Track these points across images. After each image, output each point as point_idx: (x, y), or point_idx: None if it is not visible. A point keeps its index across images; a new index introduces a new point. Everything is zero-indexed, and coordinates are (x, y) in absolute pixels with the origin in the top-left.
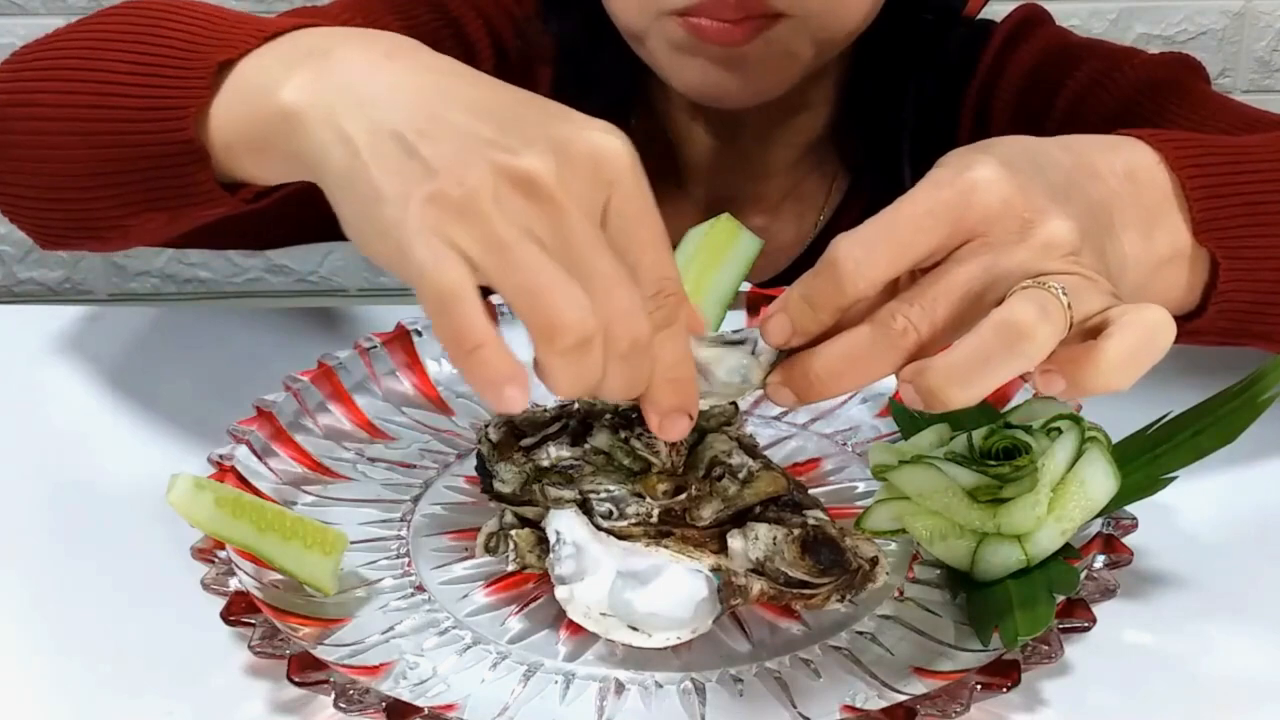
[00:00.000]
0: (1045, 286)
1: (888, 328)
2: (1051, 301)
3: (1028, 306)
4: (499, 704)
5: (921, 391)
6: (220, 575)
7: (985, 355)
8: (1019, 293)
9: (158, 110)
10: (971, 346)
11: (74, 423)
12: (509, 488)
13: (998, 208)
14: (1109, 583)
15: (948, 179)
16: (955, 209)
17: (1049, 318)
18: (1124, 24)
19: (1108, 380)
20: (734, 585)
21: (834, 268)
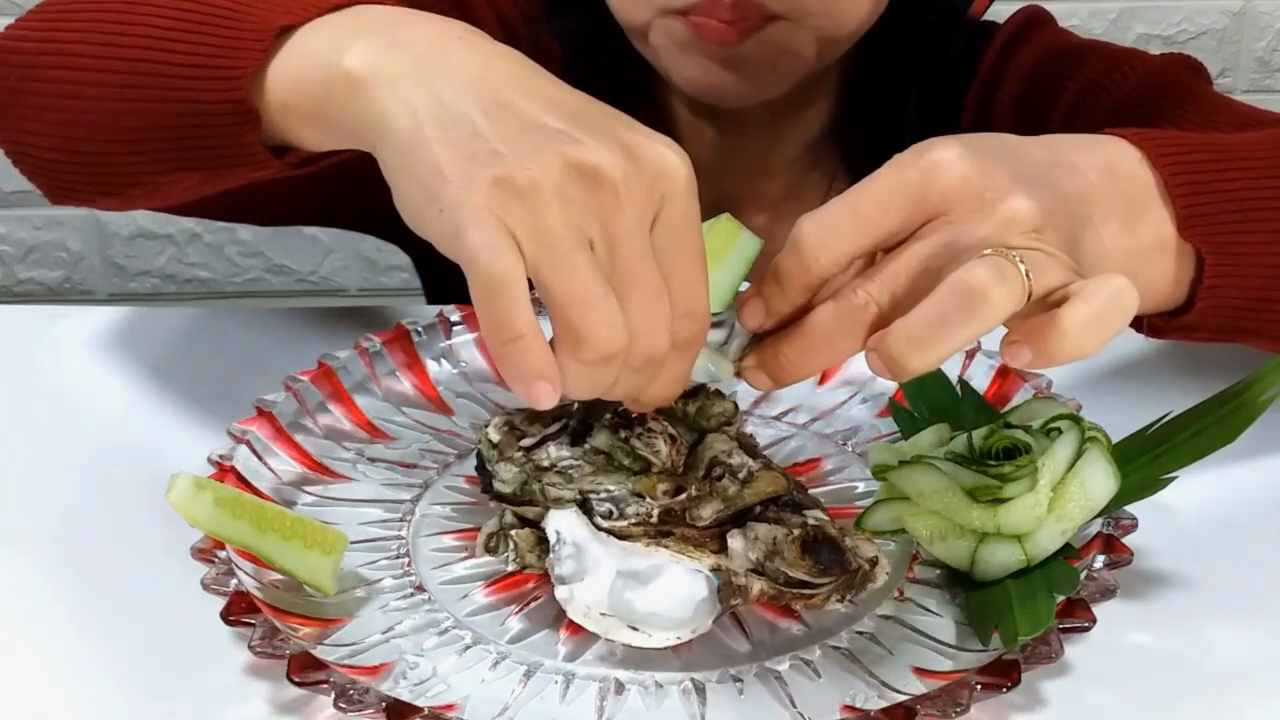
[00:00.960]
0: (1004, 254)
1: (849, 303)
2: (1008, 267)
3: (983, 269)
4: (499, 704)
5: (883, 358)
6: (220, 575)
7: (942, 317)
8: (977, 258)
9: (209, 69)
10: (927, 309)
11: (74, 422)
12: (509, 488)
13: (958, 186)
14: (1109, 583)
15: (910, 160)
16: (916, 187)
17: (1005, 279)
18: (1124, 24)
19: (1074, 345)
20: (734, 585)
21: (798, 247)
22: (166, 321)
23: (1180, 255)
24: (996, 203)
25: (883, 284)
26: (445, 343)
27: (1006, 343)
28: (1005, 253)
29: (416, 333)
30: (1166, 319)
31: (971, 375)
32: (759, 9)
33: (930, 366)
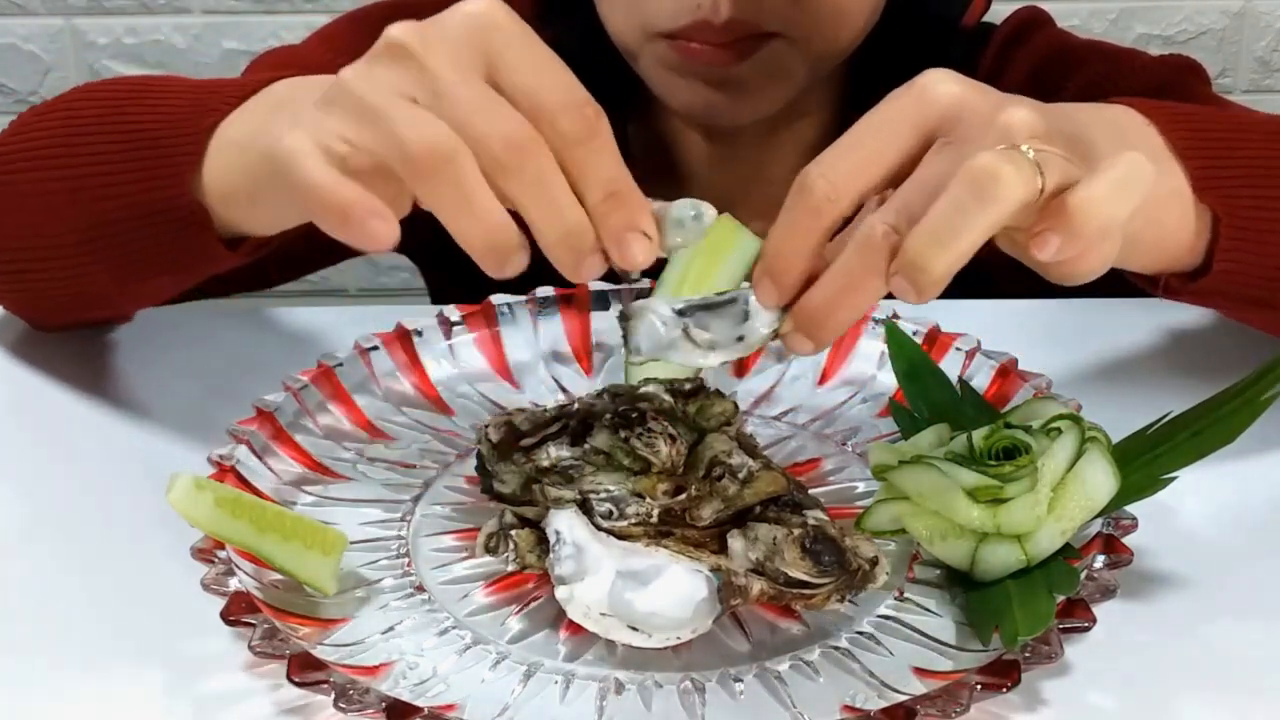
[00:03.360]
0: (1014, 147)
1: (869, 238)
2: (1016, 153)
3: (991, 154)
4: (499, 704)
5: (906, 270)
6: (220, 575)
7: (958, 207)
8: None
9: (152, 180)
10: (943, 203)
11: (74, 423)
12: (509, 488)
13: (955, 104)
14: (1109, 583)
15: (903, 90)
16: (913, 112)
17: (1014, 162)
18: (1124, 24)
19: (1098, 215)
20: (734, 585)
21: (808, 194)
22: (166, 321)
23: (1198, 213)
24: (994, 115)
25: (898, 211)
26: (445, 343)
27: (1031, 235)
28: (1014, 146)
29: (417, 333)
30: (1183, 281)
31: (971, 375)
32: (752, 27)
33: (953, 267)
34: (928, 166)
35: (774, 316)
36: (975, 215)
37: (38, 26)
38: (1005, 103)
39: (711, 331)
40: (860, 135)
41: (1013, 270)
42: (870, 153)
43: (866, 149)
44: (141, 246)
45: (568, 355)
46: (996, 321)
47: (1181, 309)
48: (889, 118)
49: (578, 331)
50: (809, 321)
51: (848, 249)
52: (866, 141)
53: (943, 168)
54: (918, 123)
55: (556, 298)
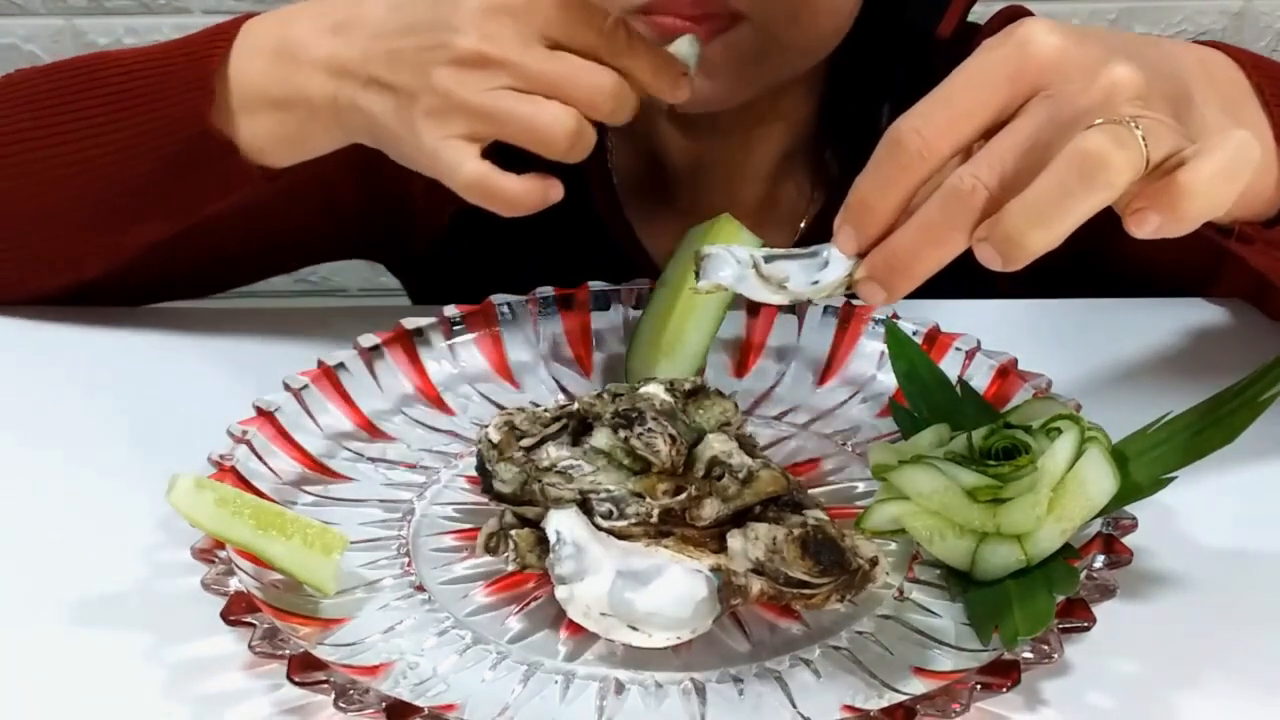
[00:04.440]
0: (1119, 120)
1: (957, 190)
2: (1125, 132)
3: (1100, 135)
4: (499, 704)
5: (999, 242)
6: (220, 575)
7: (1063, 188)
8: (1092, 127)
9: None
10: (1048, 181)
11: (74, 422)
12: (509, 488)
13: (1055, 57)
14: (1109, 583)
15: (998, 41)
16: (1011, 64)
17: (1124, 145)
18: (1124, 24)
19: (1203, 201)
20: (734, 585)
21: (898, 147)
22: (167, 321)
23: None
24: (1097, 71)
25: (990, 167)
26: (445, 343)
27: (1130, 211)
28: (1121, 118)
29: (416, 333)
30: (1257, 229)
31: (971, 375)
32: (722, 5)
33: (1051, 244)
34: (1025, 122)
35: (852, 264)
36: (1080, 198)
37: (38, 26)
38: (1108, 58)
39: (792, 276)
40: (956, 88)
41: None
42: (966, 108)
43: (962, 103)
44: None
45: (568, 355)
46: (996, 321)
47: (1181, 308)
48: (986, 71)
49: (578, 331)
50: (886, 270)
51: (933, 200)
52: (962, 95)
53: (1040, 126)
54: (1015, 77)
55: (556, 298)
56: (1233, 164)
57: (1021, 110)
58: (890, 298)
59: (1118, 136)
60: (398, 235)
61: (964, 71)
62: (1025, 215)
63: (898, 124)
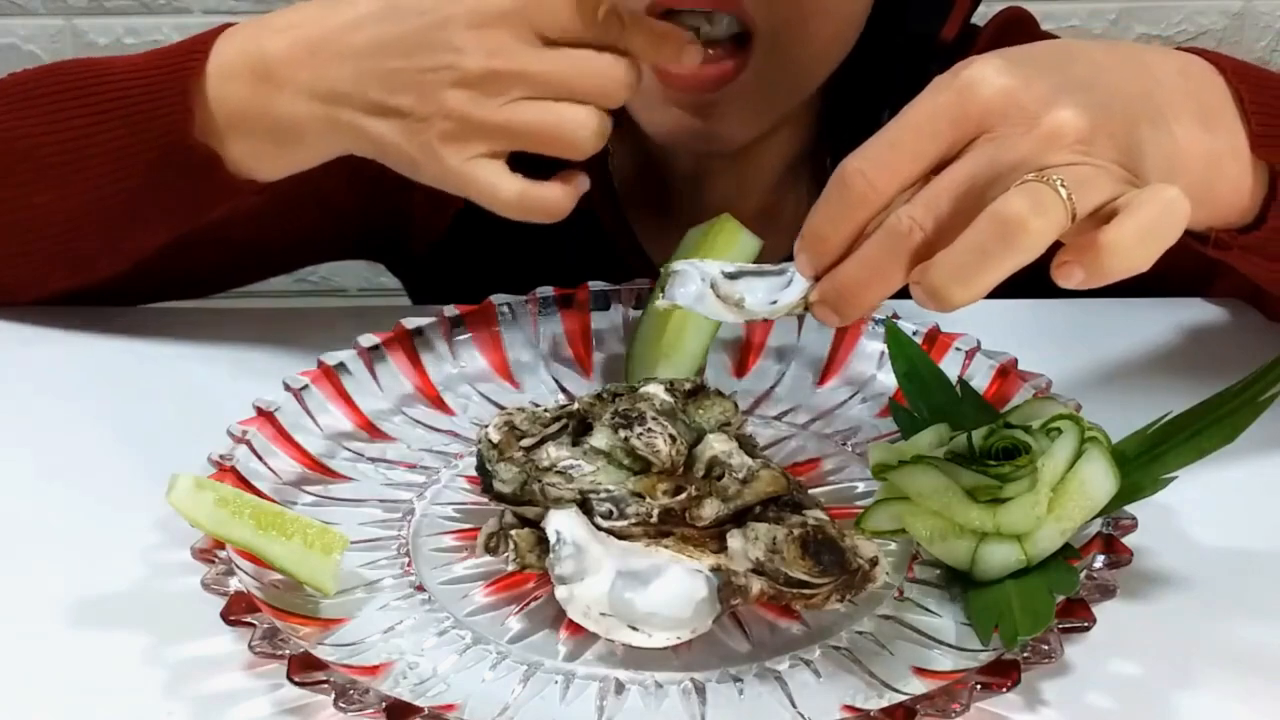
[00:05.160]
0: (1045, 179)
1: (895, 230)
2: (1048, 194)
3: (1020, 200)
4: (499, 704)
5: (927, 291)
6: (220, 575)
7: (982, 250)
8: (1015, 187)
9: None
10: (967, 242)
11: (74, 423)
12: (509, 488)
13: (999, 100)
14: (1109, 583)
15: (945, 82)
16: (954, 108)
17: (1043, 210)
18: (1124, 24)
19: (1125, 260)
20: (734, 585)
21: (844, 189)
22: (166, 321)
23: (1255, 171)
24: (1039, 116)
25: (926, 209)
26: (445, 343)
27: (1056, 264)
28: (1047, 176)
29: (416, 333)
30: (1233, 235)
31: (971, 375)
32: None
33: (974, 299)
34: (964, 167)
35: (809, 285)
36: (999, 260)
37: (38, 26)
38: (1054, 100)
39: (750, 292)
40: (901, 131)
41: None
42: (910, 152)
43: (907, 147)
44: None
45: (568, 355)
46: (996, 321)
47: (1181, 308)
48: (932, 115)
49: (578, 331)
50: (835, 297)
51: (874, 236)
52: (907, 139)
53: (977, 170)
54: (959, 120)
55: (556, 298)
56: (1158, 224)
57: (964, 152)
58: (842, 321)
59: (1038, 200)
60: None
61: (910, 113)
62: (947, 272)
63: (845, 163)
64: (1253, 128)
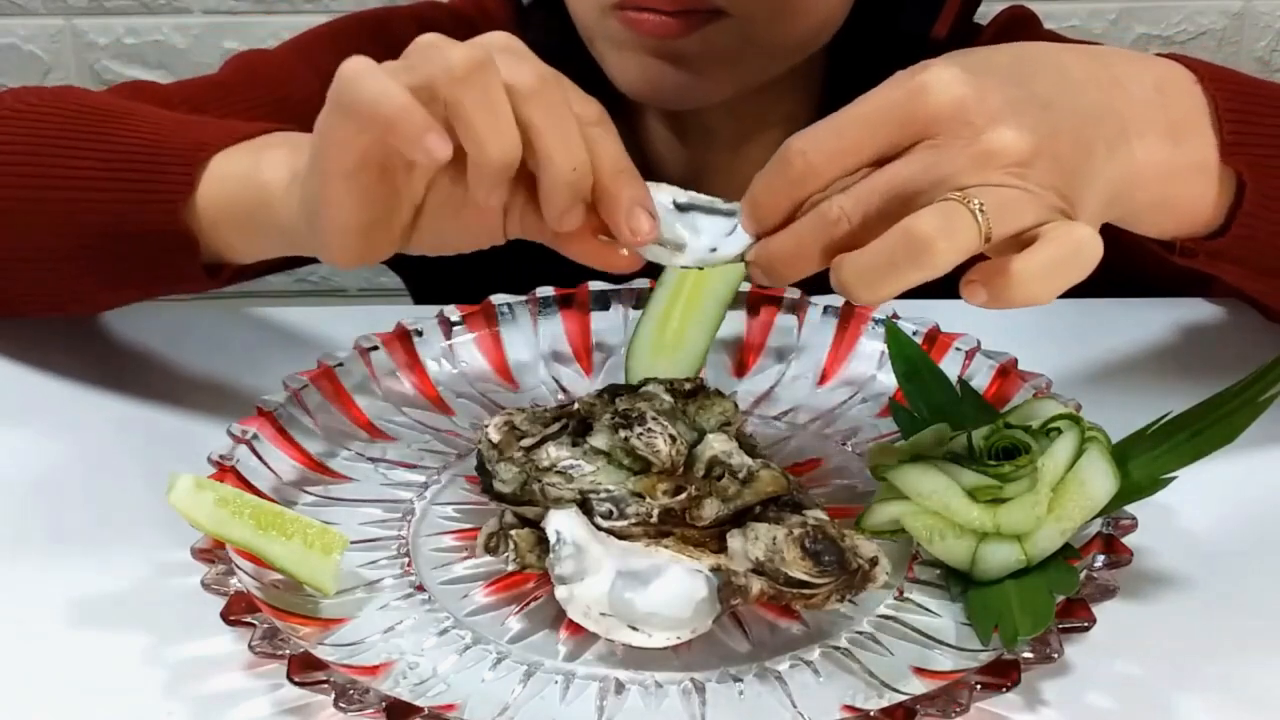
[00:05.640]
0: (965, 200)
1: (824, 216)
2: (963, 216)
3: (934, 219)
4: (499, 704)
5: (837, 283)
6: (220, 575)
7: (890, 260)
8: (935, 204)
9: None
10: (877, 250)
11: (74, 423)
12: (509, 488)
13: (948, 109)
14: (1109, 583)
15: (903, 79)
16: (904, 108)
17: (953, 233)
18: (1124, 24)
19: (1025, 291)
20: (734, 585)
21: (785, 165)
22: (166, 321)
23: (1221, 181)
24: (983, 131)
25: (857, 202)
26: (445, 343)
27: (965, 281)
28: (967, 198)
29: (417, 332)
30: (1199, 241)
31: (971, 375)
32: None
33: (878, 303)
34: (901, 168)
35: (750, 242)
36: (904, 272)
37: (38, 26)
38: (998, 120)
39: (695, 231)
40: (849, 121)
41: None
42: (853, 141)
43: (851, 137)
44: (124, 262)
45: (568, 355)
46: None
47: (1181, 308)
48: (880, 110)
49: (578, 331)
50: (765, 263)
51: (806, 217)
52: (852, 130)
53: (913, 174)
54: (906, 121)
55: (556, 298)
56: (1063, 262)
57: (905, 153)
58: (773, 284)
59: (951, 222)
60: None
61: (861, 105)
62: (856, 273)
63: (790, 141)
64: (1224, 135)
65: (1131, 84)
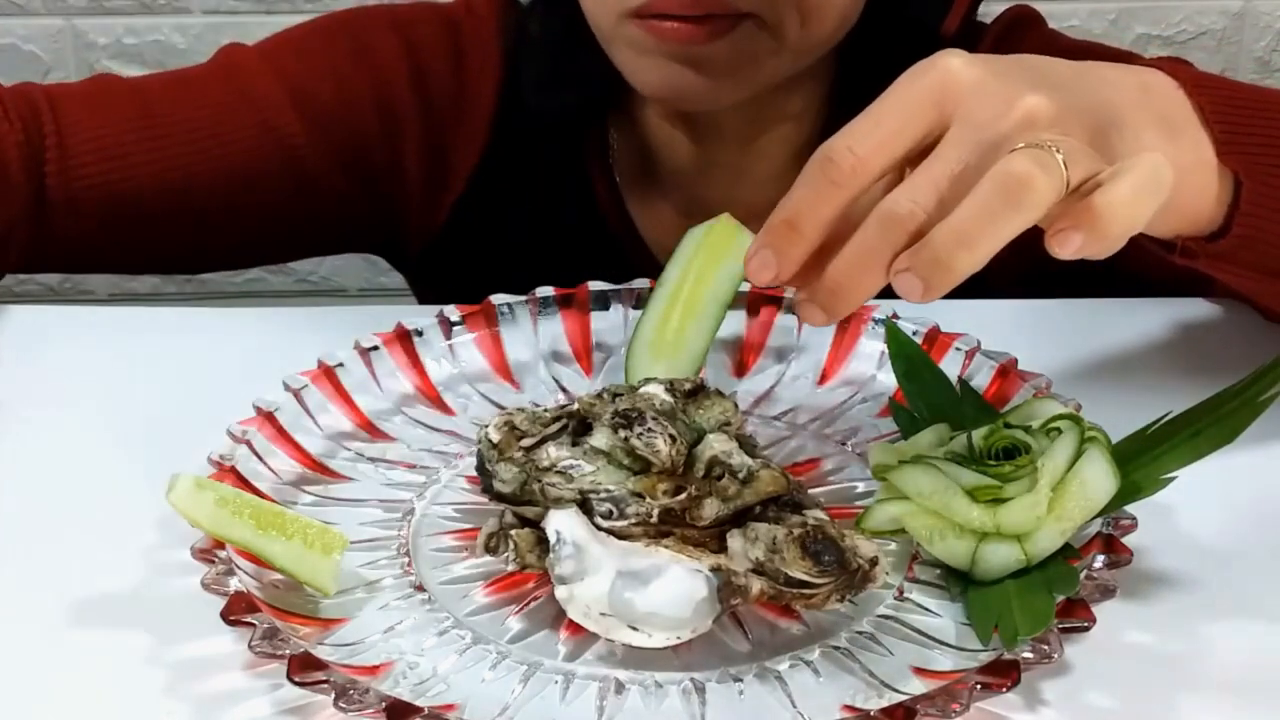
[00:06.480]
0: (1040, 144)
1: (894, 214)
2: (1047, 156)
3: (1025, 159)
4: (499, 704)
5: (925, 266)
6: (220, 575)
7: (989, 210)
8: (1016, 151)
9: None
10: (974, 204)
11: (74, 422)
12: (509, 488)
13: (974, 85)
14: (1109, 583)
15: (921, 69)
16: (935, 90)
17: (1046, 168)
18: (1124, 24)
19: (1120, 218)
20: (734, 585)
21: (830, 164)
22: (166, 321)
23: (1220, 178)
24: (1013, 101)
25: (925, 192)
26: (445, 343)
27: (1053, 231)
28: (1041, 141)
29: (417, 333)
30: (1200, 243)
31: (971, 375)
32: (724, 5)
33: (976, 266)
34: (951, 149)
35: None
36: (1005, 220)
37: (38, 26)
38: (1023, 90)
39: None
40: (884, 111)
41: (1010, 270)
42: (894, 128)
43: (891, 124)
44: None
45: (568, 355)
46: (996, 321)
47: (1181, 308)
48: (912, 95)
49: (578, 331)
50: (827, 293)
51: (869, 224)
52: (890, 117)
53: (966, 149)
54: (938, 101)
55: (556, 298)
56: (1147, 184)
57: (946, 137)
58: (830, 318)
59: (1040, 160)
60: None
61: (890, 96)
62: (953, 237)
63: (830, 143)
64: (1216, 135)
65: (1117, 84)
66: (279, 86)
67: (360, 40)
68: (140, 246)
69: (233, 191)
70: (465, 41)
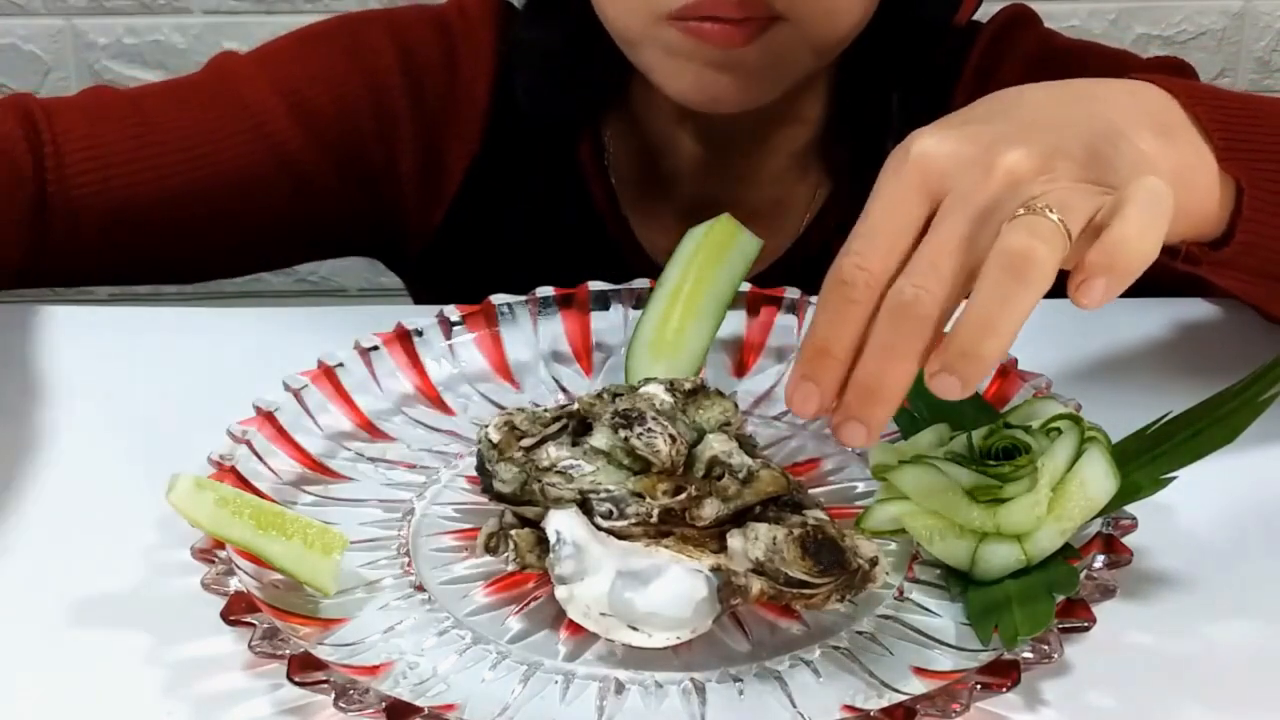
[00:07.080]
0: (1031, 209)
1: (900, 303)
2: (1041, 222)
3: (1019, 234)
4: (499, 704)
5: (956, 360)
6: (220, 575)
7: (1001, 293)
8: (1007, 224)
9: None
10: (984, 290)
11: (74, 422)
12: (509, 488)
13: (951, 162)
14: (1109, 583)
15: (898, 161)
16: (915, 180)
17: (1045, 236)
18: (1124, 24)
19: (1135, 251)
20: (734, 585)
21: (844, 285)
22: (166, 321)
23: (1223, 182)
24: (992, 164)
25: (924, 273)
26: (445, 343)
27: (1075, 285)
28: (1032, 205)
29: (417, 333)
30: (1203, 250)
31: None
32: (764, 8)
33: (1005, 349)
34: (944, 225)
35: None
36: (1019, 297)
37: (38, 26)
38: (999, 147)
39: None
40: (876, 218)
41: None
42: (893, 231)
43: (888, 228)
44: None
45: (568, 355)
46: None
47: (1181, 308)
48: (898, 192)
49: (578, 331)
50: (859, 404)
51: (879, 324)
52: (885, 222)
53: (960, 223)
54: (923, 186)
55: (556, 298)
56: (1151, 209)
57: (937, 216)
58: (871, 435)
59: (1034, 228)
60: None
61: (877, 199)
62: (975, 328)
63: (838, 265)
64: (1215, 143)
65: (1105, 97)
66: (274, 93)
67: (354, 44)
68: (139, 256)
69: (230, 198)
70: (458, 42)
